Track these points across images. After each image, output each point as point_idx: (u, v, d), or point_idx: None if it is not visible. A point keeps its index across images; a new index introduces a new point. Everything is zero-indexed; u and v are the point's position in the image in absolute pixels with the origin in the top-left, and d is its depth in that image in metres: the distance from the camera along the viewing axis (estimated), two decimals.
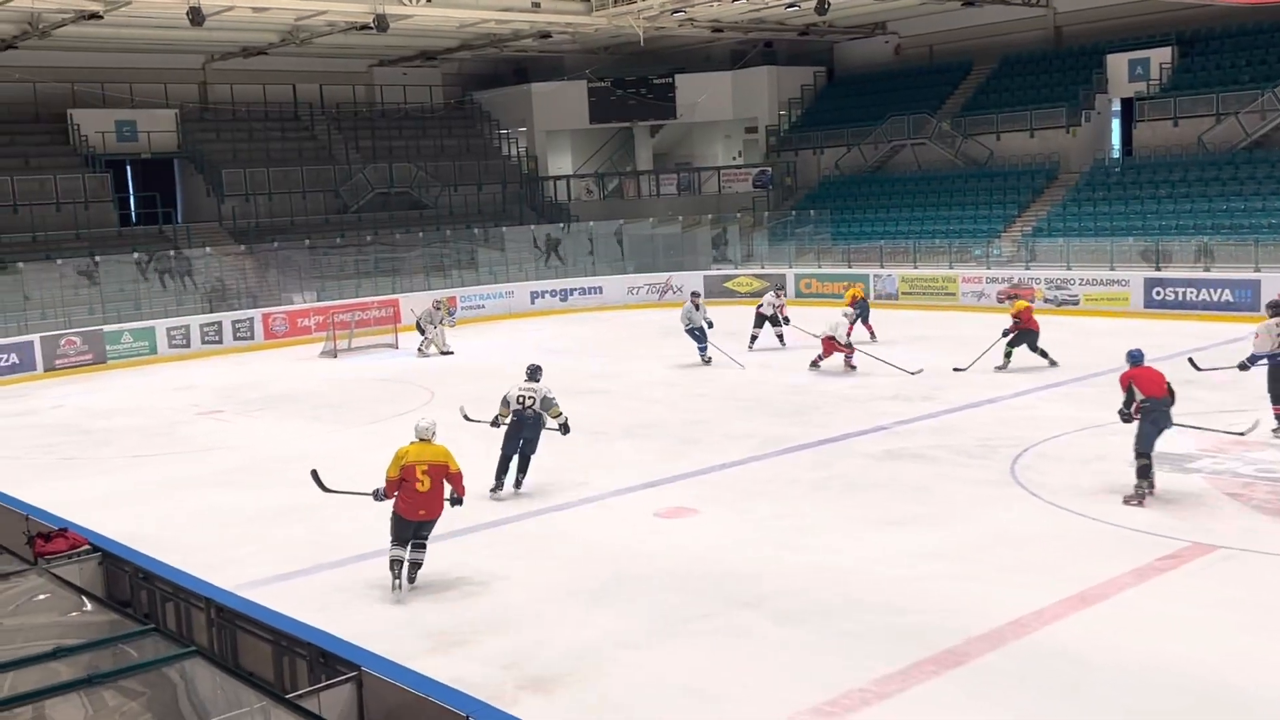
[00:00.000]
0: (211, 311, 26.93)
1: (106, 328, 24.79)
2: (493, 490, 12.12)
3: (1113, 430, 13.84)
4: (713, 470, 13.15)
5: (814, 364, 19.12)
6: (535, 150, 38.36)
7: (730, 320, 23.51)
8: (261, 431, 16.89)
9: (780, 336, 21.90)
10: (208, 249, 28.91)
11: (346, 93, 36.60)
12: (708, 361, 20.35)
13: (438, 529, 9.72)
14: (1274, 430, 12.93)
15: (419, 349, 23.76)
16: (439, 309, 24.37)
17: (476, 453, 12.08)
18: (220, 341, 26.12)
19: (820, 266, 30.79)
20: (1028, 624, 8.28)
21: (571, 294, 31.43)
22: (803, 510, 11.44)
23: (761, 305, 22.25)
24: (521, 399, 12.13)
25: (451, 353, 23.59)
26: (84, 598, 5.40)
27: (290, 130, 35.07)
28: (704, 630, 8.52)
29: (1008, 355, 18.24)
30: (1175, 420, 11.06)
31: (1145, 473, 10.94)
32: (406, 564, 9.48)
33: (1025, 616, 8.39)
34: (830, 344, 18.87)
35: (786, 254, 32.02)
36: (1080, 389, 16.68)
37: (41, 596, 5.42)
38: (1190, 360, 14.37)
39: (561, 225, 34.56)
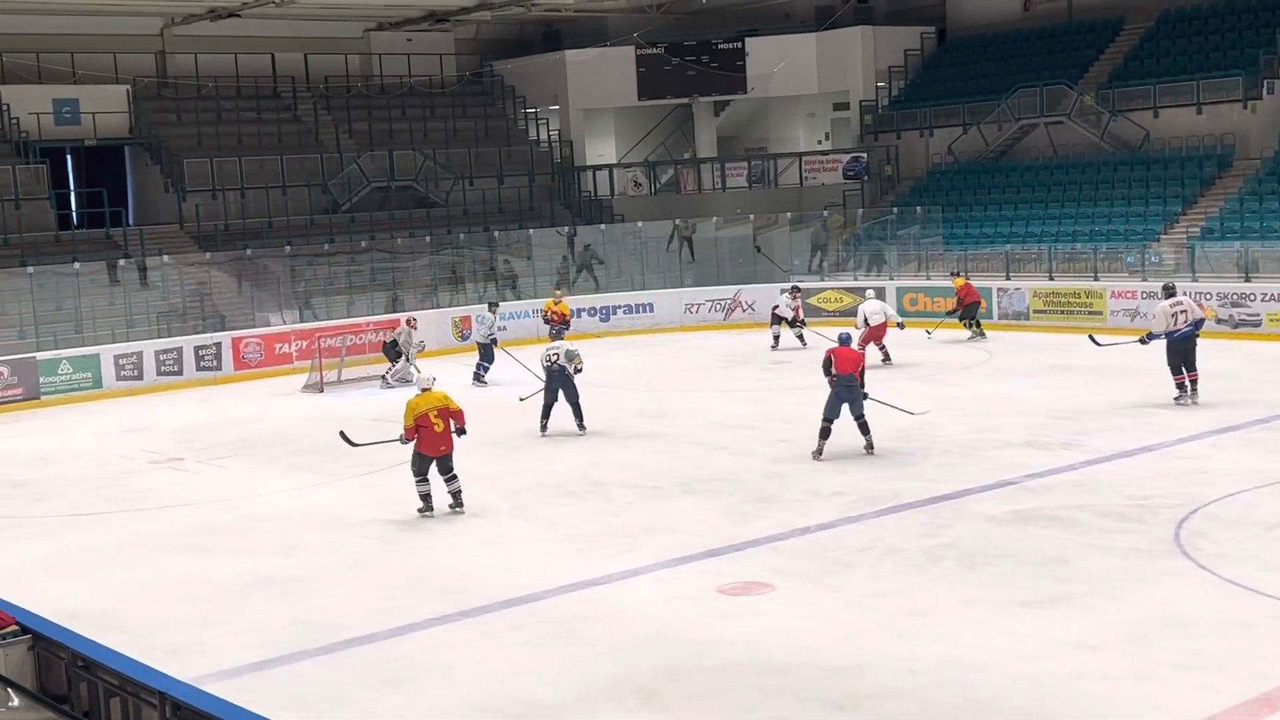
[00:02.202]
0: (169, 335, 27.26)
1: (40, 355, 25.14)
2: (543, 432, 18.35)
3: None
4: (793, 535, 13.11)
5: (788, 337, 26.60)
6: (570, 134, 38.60)
7: (817, 340, 23.55)
8: (230, 484, 17.04)
9: (800, 337, 26.35)
10: (165, 257, 29.26)
11: (337, 64, 37.07)
12: (482, 384, 23.74)
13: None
14: (1175, 398, 18.30)
15: (385, 377, 24.41)
16: (414, 328, 25.24)
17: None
18: (180, 372, 26.41)
19: (929, 278, 30.63)
20: None
21: (615, 312, 31.47)
22: (908, 588, 11.37)
23: (778, 307, 27.00)
24: (549, 357, 18.15)
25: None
26: (10, 690, 5.44)
27: (268, 111, 35.57)
28: None
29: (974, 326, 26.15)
30: (871, 397, 16.41)
31: (825, 434, 15.97)
32: (448, 496, 14.28)
33: None
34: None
35: (886, 261, 31.90)
36: (1265, 434, 16.50)
37: None
38: (1090, 337, 20.50)
39: (602, 226, 34.71)
